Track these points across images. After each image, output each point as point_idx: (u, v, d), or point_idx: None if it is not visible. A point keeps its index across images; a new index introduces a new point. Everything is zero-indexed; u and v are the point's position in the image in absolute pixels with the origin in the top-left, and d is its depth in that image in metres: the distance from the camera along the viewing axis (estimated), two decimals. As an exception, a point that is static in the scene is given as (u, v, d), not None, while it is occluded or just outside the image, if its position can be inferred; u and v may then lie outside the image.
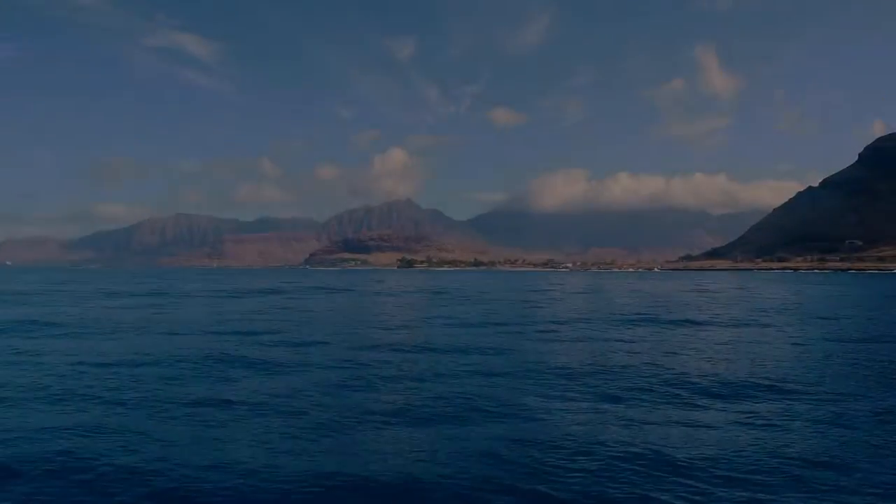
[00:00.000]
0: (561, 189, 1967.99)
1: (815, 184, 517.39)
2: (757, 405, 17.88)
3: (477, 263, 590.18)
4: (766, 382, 20.93)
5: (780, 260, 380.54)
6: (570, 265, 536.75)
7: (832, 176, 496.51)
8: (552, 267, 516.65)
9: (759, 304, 61.73)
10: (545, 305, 61.80)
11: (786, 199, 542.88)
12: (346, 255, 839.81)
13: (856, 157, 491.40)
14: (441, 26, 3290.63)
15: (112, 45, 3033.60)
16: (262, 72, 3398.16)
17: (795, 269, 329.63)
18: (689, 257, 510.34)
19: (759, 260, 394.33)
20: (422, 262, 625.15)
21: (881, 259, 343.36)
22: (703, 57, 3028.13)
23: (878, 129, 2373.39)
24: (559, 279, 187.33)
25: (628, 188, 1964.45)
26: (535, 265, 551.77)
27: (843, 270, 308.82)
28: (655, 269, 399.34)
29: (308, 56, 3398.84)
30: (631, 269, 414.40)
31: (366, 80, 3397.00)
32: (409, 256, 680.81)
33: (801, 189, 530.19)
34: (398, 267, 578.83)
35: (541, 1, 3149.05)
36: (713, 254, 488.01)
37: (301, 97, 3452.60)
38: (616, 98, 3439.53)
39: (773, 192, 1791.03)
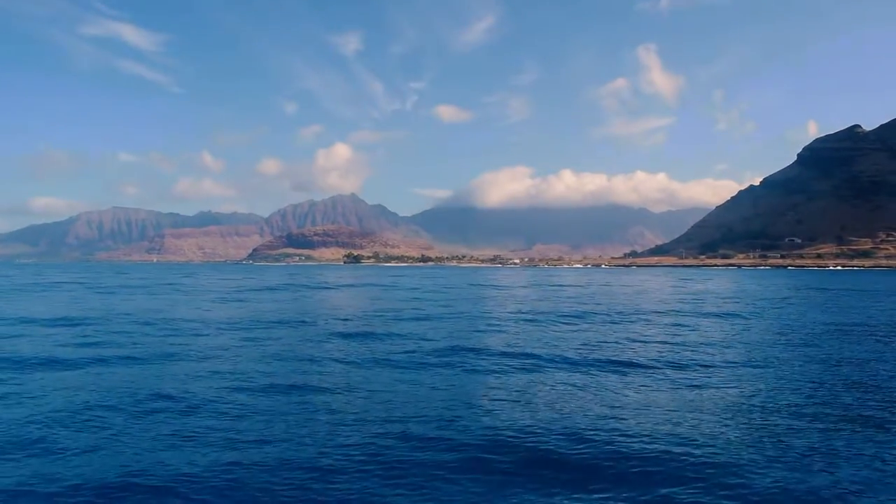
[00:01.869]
0: (505, 186, 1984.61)
1: (751, 183, 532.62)
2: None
3: (424, 259, 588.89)
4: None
5: (724, 257, 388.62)
6: (517, 261, 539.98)
7: (772, 175, 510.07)
8: (500, 263, 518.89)
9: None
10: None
11: (723, 198, 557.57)
12: (290, 251, 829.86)
13: (790, 158, 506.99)
14: (387, 22, 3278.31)
15: (46, 32, 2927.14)
16: (203, 64, 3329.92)
17: (739, 266, 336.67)
18: (634, 254, 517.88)
19: (704, 257, 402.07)
20: (369, 257, 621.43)
21: (819, 256, 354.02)
22: (646, 57, 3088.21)
23: (812, 130, 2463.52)
24: (530, 274, 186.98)
25: (571, 186, 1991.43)
26: (482, 261, 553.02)
27: (783, 267, 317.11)
28: (603, 266, 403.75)
29: (251, 49, 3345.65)
30: (579, 266, 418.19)
31: (310, 75, 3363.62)
32: (354, 252, 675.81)
33: (738, 188, 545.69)
34: (345, 262, 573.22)
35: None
36: (658, 250, 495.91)
37: (244, 91, 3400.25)
38: (560, 97, 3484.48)
39: (711, 191, 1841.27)
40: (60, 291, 71.57)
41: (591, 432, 13.74)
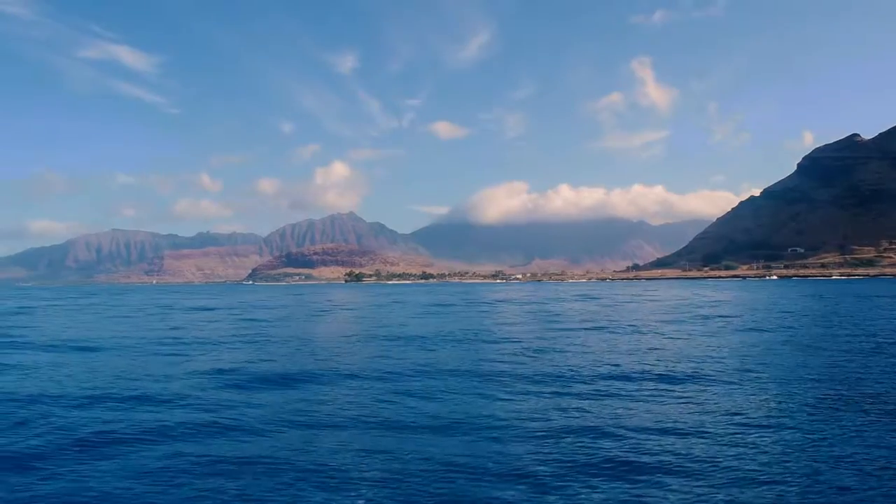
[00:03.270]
0: (503, 202, 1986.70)
1: (748, 193, 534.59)
2: None
3: (426, 276, 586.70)
4: None
5: (728, 268, 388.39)
6: (519, 276, 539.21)
7: (772, 186, 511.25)
8: (502, 279, 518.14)
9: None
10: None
11: (720, 209, 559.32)
12: (290, 270, 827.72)
13: (786, 167, 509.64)
14: (383, 40, 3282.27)
15: (44, 56, 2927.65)
16: (200, 85, 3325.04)
17: (744, 277, 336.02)
18: (637, 267, 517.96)
19: (707, 268, 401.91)
20: (370, 275, 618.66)
21: (823, 266, 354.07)
22: (640, 70, 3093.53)
23: (808, 140, 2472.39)
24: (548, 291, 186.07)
25: (569, 200, 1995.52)
26: (484, 277, 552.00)
27: (789, 277, 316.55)
28: (608, 280, 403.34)
29: (248, 69, 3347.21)
30: (583, 280, 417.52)
31: (307, 94, 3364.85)
32: (355, 270, 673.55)
33: (735, 199, 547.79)
34: (346, 281, 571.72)
35: (482, 16, 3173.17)
36: (661, 263, 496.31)
37: (241, 111, 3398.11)
38: (556, 111, 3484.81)
39: (708, 202, 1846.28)
40: (131, 315, 70.15)
41: None
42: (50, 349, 35.22)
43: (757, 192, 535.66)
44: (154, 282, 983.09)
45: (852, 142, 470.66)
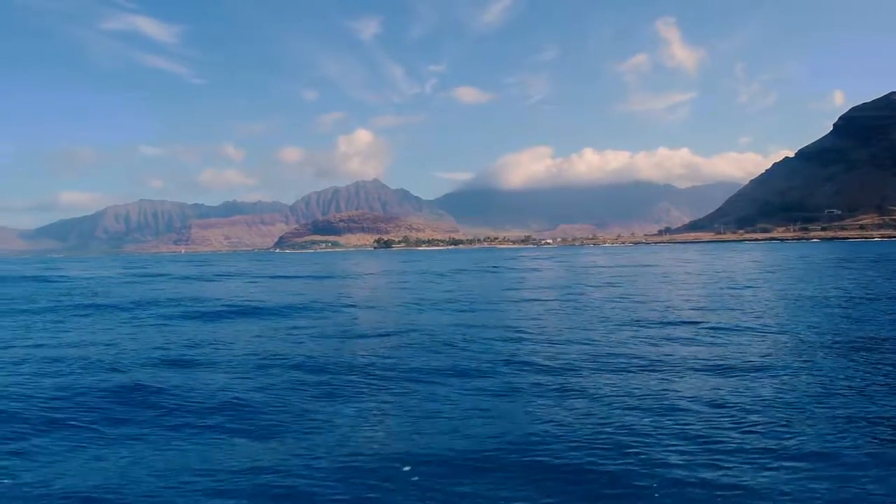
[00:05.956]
0: (527, 167, 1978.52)
1: (775, 156, 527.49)
2: None
3: (455, 242, 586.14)
4: None
5: (763, 230, 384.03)
6: (550, 241, 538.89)
7: (807, 147, 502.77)
8: (533, 244, 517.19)
9: None
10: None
11: (747, 171, 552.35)
12: (317, 238, 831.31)
13: (814, 128, 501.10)
14: (405, 5, 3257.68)
15: (68, 29, 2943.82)
16: (223, 55, 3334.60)
17: (782, 240, 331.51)
18: (668, 230, 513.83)
19: (742, 231, 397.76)
20: (399, 242, 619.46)
21: (862, 227, 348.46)
22: (665, 31, 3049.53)
23: (839, 99, 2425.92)
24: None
25: (594, 164, 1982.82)
26: (513, 242, 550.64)
27: (829, 240, 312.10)
28: (643, 243, 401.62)
29: (270, 38, 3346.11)
30: (618, 244, 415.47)
31: (329, 61, 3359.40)
32: (383, 237, 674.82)
33: (763, 160, 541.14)
34: (375, 248, 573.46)
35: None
36: (694, 226, 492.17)
37: (264, 79, 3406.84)
38: (581, 74, 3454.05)
39: (735, 165, 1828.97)
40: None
41: None
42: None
43: (789, 154, 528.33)
44: (183, 251, 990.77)
45: (890, 100, 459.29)
